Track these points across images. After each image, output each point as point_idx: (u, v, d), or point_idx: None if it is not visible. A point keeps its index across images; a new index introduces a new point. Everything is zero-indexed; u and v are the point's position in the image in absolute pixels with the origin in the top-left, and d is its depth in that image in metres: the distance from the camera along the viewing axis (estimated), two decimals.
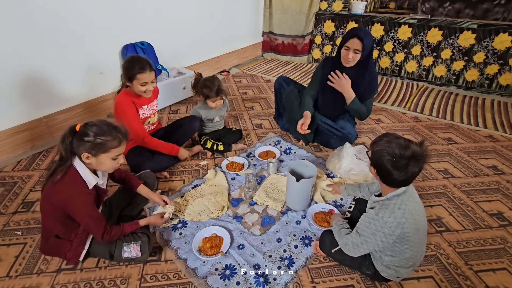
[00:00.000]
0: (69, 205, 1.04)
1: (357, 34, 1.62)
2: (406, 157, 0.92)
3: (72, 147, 1.03)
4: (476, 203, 1.58)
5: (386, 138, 0.99)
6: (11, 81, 1.78)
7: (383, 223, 0.96)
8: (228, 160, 1.86)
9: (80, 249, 1.15)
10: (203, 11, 3.04)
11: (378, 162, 0.98)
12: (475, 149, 2.08)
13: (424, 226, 1.04)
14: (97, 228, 1.09)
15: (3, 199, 1.54)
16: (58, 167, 1.04)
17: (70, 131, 1.03)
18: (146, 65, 1.53)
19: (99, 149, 1.04)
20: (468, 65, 3.00)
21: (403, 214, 0.95)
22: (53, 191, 1.03)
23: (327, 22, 3.63)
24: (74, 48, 2.04)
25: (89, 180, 1.08)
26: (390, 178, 0.97)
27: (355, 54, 1.68)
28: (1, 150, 1.82)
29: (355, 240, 1.05)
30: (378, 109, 2.68)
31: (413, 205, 0.98)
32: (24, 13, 1.73)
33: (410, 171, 0.93)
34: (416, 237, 0.99)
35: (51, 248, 1.14)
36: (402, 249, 1.01)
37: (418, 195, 1.05)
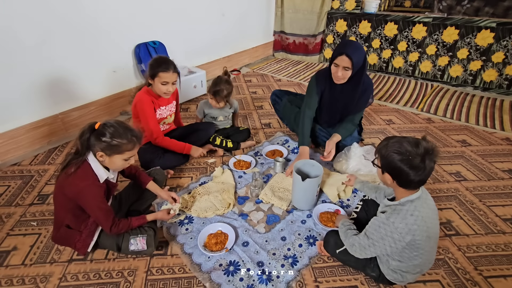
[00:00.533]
0: (80, 197, 1.09)
1: (345, 52, 1.53)
2: (420, 154, 0.89)
3: (89, 144, 1.09)
4: (489, 207, 1.53)
5: (393, 140, 0.95)
6: (30, 79, 1.86)
7: (394, 229, 0.93)
8: (235, 158, 1.87)
9: (89, 240, 1.19)
10: (215, 11, 3.07)
11: (392, 165, 0.93)
12: (490, 152, 2.01)
13: (436, 233, 1.00)
14: (106, 220, 1.13)
15: (21, 191, 1.61)
16: (72, 160, 1.09)
17: (89, 128, 1.08)
18: (170, 65, 1.59)
19: (113, 150, 1.10)
20: (486, 65, 2.90)
21: (415, 221, 0.92)
22: (67, 182, 1.08)
23: (339, 21, 3.59)
24: (89, 47, 2.11)
25: (100, 174, 1.13)
26: (408, 179, 0.92)
27: (345, 71, 1.59)
28: (20, 144, 1.90)
29: (363, 242, 1.03)
30: (389, 110, 2.63)
31: (427, 212, 0.95)
32: (41, 12, 1.80)
33: (428, 167, 0.89)
34: (427, 244, 0.97)
35: (62, 237, 1.18)
36: (411, 255, 0.98)
37: (433, 201, 1.02)
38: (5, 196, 1.57)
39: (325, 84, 1.77)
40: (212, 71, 3.23)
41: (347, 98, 1.75)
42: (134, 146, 1.14)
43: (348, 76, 1.62)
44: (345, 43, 1.62)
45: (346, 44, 1.61)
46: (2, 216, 1.45)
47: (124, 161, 1.15)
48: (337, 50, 1.60)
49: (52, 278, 1.16)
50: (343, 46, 1.59)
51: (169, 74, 1.58)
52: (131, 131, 1.13)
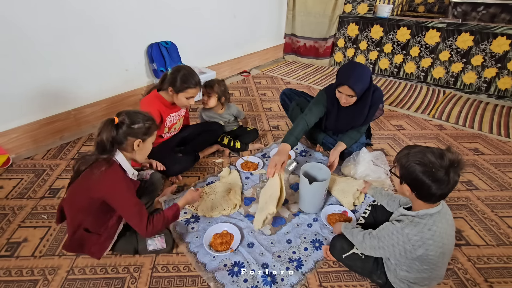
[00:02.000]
0: (112, 195, 1.03)
1: (347, 84, 1.49)
2: (445, 166, 0.83)
3: (118, 139, 1.05)
4: (501, 218, 1.49)
5: (416, 149, 0.89)
6: (46, 75, 1.92)
7: (407, 240, 0.90)
8: (243, 159, 1.88)
9: (107, 243, 1.15)
10: (227, 12, 3.10)
11: (413, 176, 0.87)
12: (503, 161, 1.96)
13: (451, 250, 0.97)
14: (141, 218, 1.05)
15: (33, 184, 1.65)
16: (97, 160, 1.03)
17: (111, 124, 1.03)
18: (198, 80, 1.57)
19: (147, 133, 1.11)
20: (501, 72, 2.84)
21: (432, 236, 0.88)
22: (95, 182, 1.00)
23: (351, 25, 3.57)
24: (103, 46, 2.15)
25: (129, 169, 1.12)
26: (429, 193, 0.87)
27: (350, 98, 1.55)
28: (34, 139, 1.95)
29: (373, 243, 1.00)
30: (400, 115, 2.59)
31: (445, 228, 0.90)
32: (56, 10, 1.85)
33: (452, 181, 0.84)
34: (440, 260, 0.93)
35: (77, 242, 1.10)
36: (421, 268, 0.95)
37: (451, 215, 0.97)
38: (18, 189, 1.61)
39: (332, 102, 1.71)
40: (222, 72, 3.25)
41: (355, 115, 1.71)
42: (156, 126, 1.18)
43: (353, 101, 1.58)
44: (348, 72, 1.52)
45: (348, 73, 1.52)
46: (14, 208, 1.48)
47: (151, 145, 1.18)
48: (339, 78, 1.54)
49: (60, 271, 1.18)
50: (345, 76, 1.52)
51: (196, 89, 1.57)
52: (145, 113, 1.15)
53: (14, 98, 1.82)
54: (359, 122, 1.74)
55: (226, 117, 2.02)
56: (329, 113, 1.77)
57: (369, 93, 1.61)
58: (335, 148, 1.75)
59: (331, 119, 1.79)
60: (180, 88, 1.53)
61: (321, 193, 1.44)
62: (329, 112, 1.77)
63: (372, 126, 2.32)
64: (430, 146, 0.91)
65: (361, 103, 1.63)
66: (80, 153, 1.94)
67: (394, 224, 0.96)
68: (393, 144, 2.14)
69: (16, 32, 1.71)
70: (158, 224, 1.09)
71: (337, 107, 1.71)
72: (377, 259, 1.10)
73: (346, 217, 1.45)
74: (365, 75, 1.53)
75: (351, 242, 1.14)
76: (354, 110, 1.67)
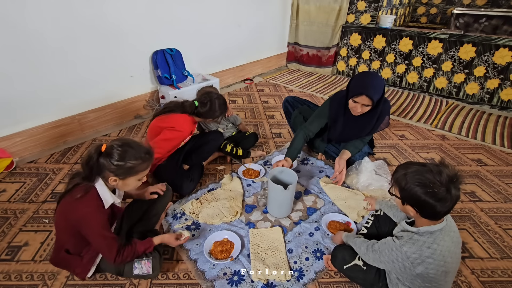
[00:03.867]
0: (82, 224, 1.00)
1: (365, 93, 1.47)
2: (444, 183, 0.82)
3: (98, 168, 1.00)
4: (505, 230, 1.47)
5: (412, 169, 0.88)
6: (52, 80, 1.94)
7: (405, 257, 0.89)
8: (245, 166, 1.88)
9: (89, 265, 1.11)
10: (231, 21, 3.15)
11: (415, 198, 0.86)
12: (507, 172, 1.95)
13: (455, 268, 0.93)
14: (109, 250, 1.03)
15: (35, 188, 1.66)
16: (78, 184, 1.00)
17: (96, 151, 0.99)
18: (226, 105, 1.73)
19: (128, 173, 1.02)
20: (504, 83, 2.84)
21: (431, 254, 0.86)
22: (70, 207, 0.99)
23: (353, 35, 3.61)
24: (109, 52, 2.19)
25: (106, 199, 1.04)
26: (434, 212, 0.85)
27: (364, 107, 1.54)
28: (38, 143, 1.97)
29: (375, 257, 1.00)
30: (402, 125, 2.59)
31: (448, 246, 0.87)
32: (64, 17, 1.89)
33: (455, 196, 0.82)
34: (442, 279, 0.90)
35: (61, 261, 1.11)
36: (423, 285, 0.92)
37: (458, 232, 0.94)
38: (20, 192, 1.62)
39: (338, 112, 1.70)
40: (225, 79, 3.28)
41: (361, 128, 1.71)
42: (148, 165, 1.07)
43: (367, 110, 1.57)
44: (365, 81, 1.52)
45: (366, 81, 1.51)
46: (16, 212, 1.49)
47: (138, 181, 1.08)
48: (356, 88, 1.51)
49: (59, 276, 1.18)
50: (363, 85, 1.50)
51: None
52: (142, 148, 1.05)
53: (20, 102, 1.84)
54: (365, 132, 1.73)
55: (224, 123, 2.06)
56: (335, 123, 1.75)
57: (381, 103, 1.58)
58: (341, 156, 1.72)
59: (336, 129, 1.77)
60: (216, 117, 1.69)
61: (292, 195, 1.48)
62: (335, 122, 1.75)
63: (374, 136, 2.31)
64: (425, 163, 0.89)
65: (372, 112, 1.61)
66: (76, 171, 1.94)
67: (394, 241, 0.95)
68: (395, 154, 2.14)
69: (24, 37, 1.75)
70: (128, 257, 1.07)
71: (344, 117, 1.70)
72: (379, 271, 1.08)
73: (347, 227, 1.44)
74: (381, 84, 1.53)
75: (353, 253, 1.13)
76: (364, 119, 1.65)
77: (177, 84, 2.56)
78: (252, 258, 1.27)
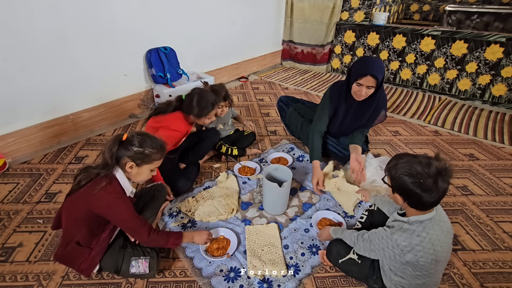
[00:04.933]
0: (112, 210, 1.04)
1: (370, 73, 1.48)
2: (432, 175, 0.85)
3: (118, 156, 1.05)
4: (497, 223, 1.50)
5: (403, 159, 0.92)
6: (45, 80, 1.92)
7: (395, 245, 0.92)
8: (240, 164, 1.88)
9: (98, 258, 1.12)
10: (226, 19, 3.14)
11: (403, 187, 0.90)
12: (498, 166, 1.98)
13: (446, 257, 0.96)
14: (142, 227, 1.08)
15: (29, 189, 1.64)
16: (99, 173, 1.04)
17: (117, 140, 1.06)
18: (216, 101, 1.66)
19: (144, 160, 1.08)
20: (495, 79, 2.88)
21: (420, 242, 0.89)
22: (95, 197, 1.01)
23: (347, 32, 3.62)
24: (103, 51, 2.17)
25: (127, 187, 1.10)
26: (420, 202, 0.89)
27: (369, 90, 1.55)
28: (31, 143, 1.95)
29: (366, 245, 1.03)
30: (396, 121, 2.62)
31: (437, 235, 0.90)
32: (56, 15, 1.87)
33: (441, 188, 0.85)
34: (433, 267, 0.92)
35: (68, 255, 1.10)
36: (414, 274, 0.95)
37: (449, 223, 0.97)
38: (14, 193, 1.60)
39: (339, 100, 1.72)
40: (220, 77, 3.27)
41: (361, 114, 1.72)
42: (162, 156, 1.14)
43: (370, 93, 1.57)
44: (368, 63, 1.54)
45: (369, 63, 1.54)
46: (10, 213, 1.48)
47: (150, 172, 1.14)
48: (360, 69, 1.52)
49: (55, 276, 1.17)
50: (367, 66, 1.51)
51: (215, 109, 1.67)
52: (158, 140, 1.12)
53: (12, 102, 1.82)
54: (364, 119, 1.73)
55: (225, 119, 2.03)
56: (336, 111, 1.76)
57: (379, 89, 1.61)
58: (355, 153, 1.68)
59: (337, 117, 1.78)
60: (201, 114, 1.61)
61: (288, 192, 1.49)
62: (336, 110, 1.75)
63: (369, 132, 2.33)
64: (418, 155, 0.92)
65: (373, 96, 1.61)
66: (86, 165, 1.94)
67: (385, 229, 0.98)
68: (389, 150, 2.16)
69: (16, 36, 1.72)
70: (160, 237, 1.12)
71: (346, 103, 1.71)
72: (373, 264, 1.10)
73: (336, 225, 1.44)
74: (382, 65, 1.55)
75: (348, 248, 1.14)
76: (365, 104, 1.66)
77: (171, 83, 2.55)
78: (248, 254, 1.28)
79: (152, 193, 1.42)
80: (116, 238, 1.19)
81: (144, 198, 1.40)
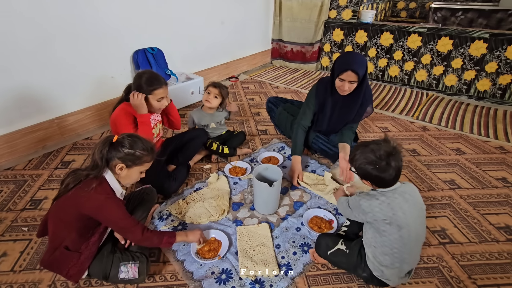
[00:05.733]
0: (103, 211, 1.03)
1: (351, 68, 1.52)
2: (383, 158, 0.99)
3: (108, 157, 1.05)
4: (483, 215, 1.54)
5: (358, 151, 1.06)
6: (27, 83, 1.87)
7: (358, 205, 1.06)
8: (231, 164, 1.87)
9: (87, 263, 1.09)
10: (214, 19, 3.11)
11: (366, 174, 1.05)
12: (484, 160, 2.03)
13: (409, 225, 1.00)
14: (135, 226, 1.07)
15: (13, 196, 1.60)
16: (88, 175, 1.03)
17: (107, 141, 1.05)
18: (162, 80, 1.50)
19: (135, 162, 1.08)
20: (479, 75, 2.94)
21: (379, 205, 1.01)
22: (85, 199, 1.00)
23: (336, 30, 3.64)
24: (87, 52, 2.12)
25: (117, 189, 1.10)
26: (384, 181, 1.03)
27: (351, 84, 1.59)
28: (15, 149, 1.89)
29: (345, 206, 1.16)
30: (385, 118, 2.65)
31: (400, 202, 1.00)
32: (39, 17, 1.82)
33: (395, 166, 0.99)
34: (395, 232, 0.99)
35: (56, 260, 1.06)
36: (381, 240, 1.04)
37: (418, 198, 1.07)
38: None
39: (325, 95, 1.74)
40: (210, 78, 3.25)
41: (348, 109, 1.74)
42: (152, 158, 1.13)
43: (353, 88, 1.61)
44: (349, 58, 1.58)
45: (350, 58, 1.57)
46: None
47: (140, 174, 1.14)
48: (341, 65, 1.57)
49: (41, 285, 1.14)
50: (347, 61, 1.56)
51: (163, 89, 1.50)
52: (148, 143, 1.12)
53: None
54: (352, 114, 1.76)
55: (219, 116, 2.01)
56: (323, 107, 1.79)
57: (363, 83, 1.64)
58: (344, 152, 1.70)
59: (325, 114, 1.81)
60: (148, 92, 1.47)
61: (278, 192, 1.49)
62: (323, 106, 1.78)
63: (358, 129, 2.36)
64: (369, 142, 1.06)
65: (358, 90, 1.65)
66: (73, 168, 1.89)
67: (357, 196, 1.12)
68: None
69: None
70: (153, 237, 1.11)
71: (332, 99, 1.74)
72: (360, 253, 1.12)
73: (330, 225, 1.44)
74: (363, 59, 1.59)
75: (335, 239, 1.18)
76: (350, 98, 1.69)
77: None
78: (240, 255, 1.27)
79: (141, 196, 1.40)
80: (105, 244, 1.17)
81: (133, 202, 1.37)
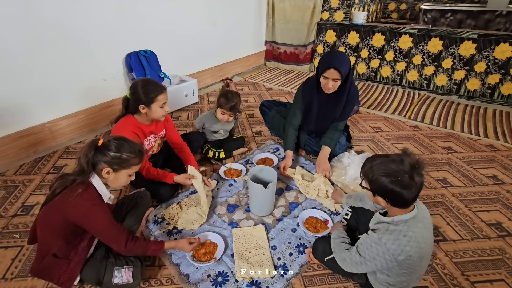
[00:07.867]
0: (89, 217, 1.00)
1: (332, 66, 1.58)
2: (407, 171, 0.86)
3: (94, 162, 1.03)
4: (475, 213, 1.56)
5: (377, 161, 0.93)
6: (18, 87, 1.84)
7: (386, 250, 0.90)
8: (226, 166, 1.87)
9: (77, 269, 1.07)
10: (207, 21, 3.11)
11: (383, 188, 0.90)
12: (475, 158, 2.06)
13: (429, 253, 0.97)
14: (119, 235, 1.05)
15: (4, 202, 1.57)
16: (75, 180, 1.01)
17: (93, 145, 1.03)
18: (162, 85, 1.49)
19: (122, 165, 1.06)
20: (469, 74, 3.00)
21: (408, 242, 0.88)
22: (71, 205, 0.98)
23: (328, 32, 3.68)
24: (79, 55, 2.10)
25: (104, 193, 1.07)
26: (402, 199, 0.89)
27: (335, 82, 1.64)
28: (5, 154, 1.86)
29: (354, 259, 1.00)
30: (378, 118, 2.68)
31: (421, 232, 0.91)
32: (28, 20, 1.80)
33: (418, 182, 0.87)
34: (418, 264, 0.94)
35: (45, 268, 1.05)
36: (400, 272, 0.95)
37: (430, 218, 0.98)
38: None
39: (311, 94, 1.81)
40: (203, 80, 3.25)
41: (334, 107, 1.80)
42: (140, 160, 1.11)
43: (338, 85, 1.67)
44: (331, 57, 1.64)
45: (332, 57, 1.64)
46: None
47: (128, 177, 1.11)
48: (324, 63, 1.63)
49: None
50: (329, 60, 1.62)
51: (164, 95, 1.48)
52: (136, 145, 1.10)
53: None
54: (339, 111, 1.81)
55: (230, 125, 2.04)
56: (310, 106, 1.84)
57: (347, 81, 1.69)
58: (321, 153, 1.80)
59: (312, 112, 1.86)
60: (150, 99, 1.44)
61: (273, 193, 1.49)
62: (309, 105, 1.84)
63: (351, 129, 2.38)
64: (389, 154, 0.94)
65: (343, 88, 1.71)
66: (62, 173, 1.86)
67: (370, 235, 0.96)
68: (372, 146, 2.20)
69: None
70: (138, 247, 1.09)
71: (318, 97, 1.80)
72: None
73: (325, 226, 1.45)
74: (345, 57, 1.65)
75: None
76: (336, 96, 1.75)
77: None
78: (236, 257, 1.26)
79: (135, 200, 1.38)
80: (98, 248, 1.15)
81: (127, 206, 1.36)
